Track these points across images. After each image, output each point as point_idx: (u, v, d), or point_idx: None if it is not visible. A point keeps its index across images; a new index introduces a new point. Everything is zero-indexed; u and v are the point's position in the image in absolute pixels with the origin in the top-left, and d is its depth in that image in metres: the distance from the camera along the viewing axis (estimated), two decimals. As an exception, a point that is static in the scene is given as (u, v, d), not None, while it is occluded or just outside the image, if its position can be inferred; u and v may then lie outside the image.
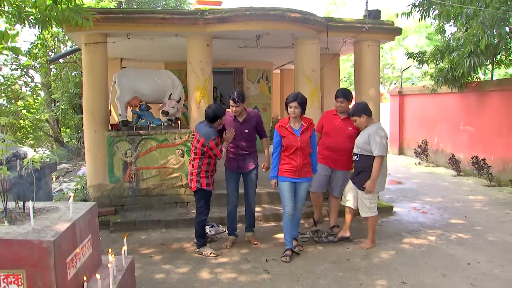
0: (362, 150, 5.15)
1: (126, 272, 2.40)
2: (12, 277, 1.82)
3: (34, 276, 1.84)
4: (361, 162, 5.17)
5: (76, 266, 2.07)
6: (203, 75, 6.55)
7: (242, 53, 9.08)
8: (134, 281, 2.67)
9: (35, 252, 1.82)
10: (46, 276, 1.84)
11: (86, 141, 6.46)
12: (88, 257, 2.24)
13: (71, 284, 2.03)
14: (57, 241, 1.88)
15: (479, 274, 4.50)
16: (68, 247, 2.00)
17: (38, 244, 1.83)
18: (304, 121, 4.92)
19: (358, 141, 5.22)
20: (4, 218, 2.07)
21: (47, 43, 10.63)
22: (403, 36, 23.11)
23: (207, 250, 5.06)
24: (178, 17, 6.25)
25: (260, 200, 6.88)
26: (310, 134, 4.91)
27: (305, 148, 4.86)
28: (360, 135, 5.25)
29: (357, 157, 5.23)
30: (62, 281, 1.92)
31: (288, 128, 4.90)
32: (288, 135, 4.87)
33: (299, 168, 4.86)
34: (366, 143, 5.09)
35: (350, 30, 6.97)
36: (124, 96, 6.77)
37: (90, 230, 2.31)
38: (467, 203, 7.57)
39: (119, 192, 6.42)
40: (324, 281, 4.35)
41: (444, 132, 11.43)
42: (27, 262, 1.83)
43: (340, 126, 5.47)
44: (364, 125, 5.21)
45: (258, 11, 6.08)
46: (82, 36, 6.23)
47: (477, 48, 8.19)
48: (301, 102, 4.84)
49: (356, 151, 5.24)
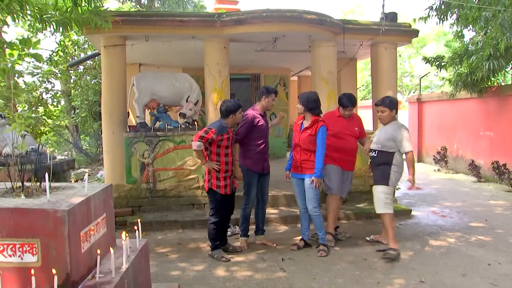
0: (382, 147, 5.06)
1: (140, 253, 2.41)
2: (27, 246, 1.86)
3: (48, 245, 1.87)
4: (380, 158, 5.08)
5: (90, 241, 2.10)
6: (220, 77, 6.61)
7: (259, 57, 9.14)
8: (148, 265, 2.67)
9: (50, 221, 1.85)
10: (60, 245, 1.86)
11: (104, 142, 6.55)
12: (102, 236, 2.27)
13: (84, 258, 2.05)
14: (72, 211, 1.91)
15: (500, 274, 4.39)
16: (82, 219, 2.03)
17: (53, 213, 1.86)
18: (311, 120, 4.98)
19: (379, 138, 5.12)
20: (21, 192, 2.11)
21: (67, 50, 10.86)
22: (422, 44, 22.93)
23: (218, 254, 4.90)
24: (195, 19, 6.34)
25: (277, 203, 6.88)
26: (312, 132, 4.94)
27: (303, 145, 4.97)
28: (381, 132, 5.15)
29: (375, 153, 5.14)
30: (76, 253, 1.95)
31: (297, 125, 5.12)
32: (295, 132, 5.16)
33: (299, 163, 5.04)
34: (389, 140, 5.01)
35: (367, 32, 6.96)
36: (142, 98, 6.86)
37: (105, 210, 2.33)
38: (487, 207, 7.41)
39: (136, 193, 6.47)
40: (341, 279, 4.30)
41: (464, 138, 11.26)
42: (42, 231, 1.87)
43: (348, 127, 5.44)
44: (388, 120, 5.11)
45: (274, 12, 6.13)
46: (101, 39, 6.35)
47: (496, 51, 8.10)
48: (303, 100, 5.03)
49: (374, 147, 5.15)
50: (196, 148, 4.73)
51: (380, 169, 5.09)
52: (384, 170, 5.04)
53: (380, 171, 5.08)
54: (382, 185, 5.06)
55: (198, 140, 4.69)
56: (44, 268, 1.89)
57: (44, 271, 1.88)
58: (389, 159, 5.02)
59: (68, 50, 10.95)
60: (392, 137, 4.99)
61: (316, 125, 4.94)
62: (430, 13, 9.27)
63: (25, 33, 10.22)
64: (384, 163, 5.04)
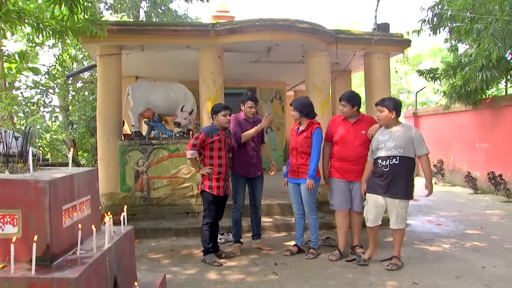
0: (404, 151, 4.49)
1: (124, 237, 2.41)
2: (8, 217, 1.87)
3: (29, 216, 1.88)
4: (402, 165, 4.50)
5: (72, 219, 2.11)
6: (215, 86, 6.67)
7: (255, 70, 9.23)
8: (133, 250, 2.66)
9: (31, 191, 1.87)
10: (41, 216, 1.88)
11: (99, 150, 6.57)
12: (86, 217, 2.28)
13: (66, 233, 2.06)
14: (53, 183, 1.94)
15: (494, 276, 4.36)
16: (64, 195, 2.04)
17: (34, 184, 1.88)
18: (307, 123, 5.03)
19: (399, 140, 4.51)
20: (5, 168, 2.13)
21: (65, 64, 10.96)
22: (418, 61, 23.15)
23: (211, 259, 4.86)
24: (190, 29, 6.44)
25: (272, 212, 6.86)
26: (308, 135, 4.97)
27: (299, 148, 4.99)
28: (398, 134, 4.56)
29: (396, 160, 4.49)
30: (57, 226, 1.96)
31: (293, 130, 5.15)
32: (291, 136, 5.16)
33: (295, 168, 5.03)
34: (409, 142, 4.50)
35: (359, 42, 7.06)
36: (138, 108, 6.91)
37: (90, 192, 2.34)
38: (483, 216, 7.39)
39: (130, 201, 6.46)
40: (333, 282, 4.26)
41: (460, 150, 11.29)
42: (23, 202, 1.89)
43: (351, 132, 4.90)
44: (387, 123, 4.62)
45: (267, 21, 6.22)
46: (97, 48, 6.43)
47: (489, 62, 8.18)
48: (297, 106, 5.06)
49: (395, 153, 4.50)
50: (190, 157, 4.84)
51: (403, 179, 4.52)
52: (409, 180, 4.54)
53: (405, 182, 4.53)
54: (406, 199, 4.59)
55: (191, 148, 4.80)
56: (24, 239, 1.90)
57: (24, 243, 1.88)
58: (412, 166, 4.55)
59: (66, 64, 11.05)
60: (411, 139, 4.51)
61: (311, 127, 4.99)
62: (423, 26, 9.38)
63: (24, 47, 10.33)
64: (407, 171, 4.54)
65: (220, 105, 5.05)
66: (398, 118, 4.72)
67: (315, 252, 5.07)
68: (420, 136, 4.59)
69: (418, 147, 4.54)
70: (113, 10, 13.45)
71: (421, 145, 4.54)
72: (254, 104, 5.22)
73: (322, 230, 6.04)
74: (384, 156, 4.57)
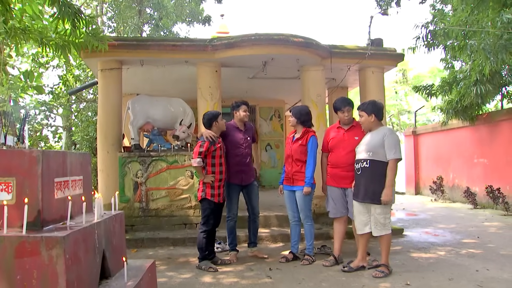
0: (374, 154, 4.41)
1: (115, 218, 2.51)
2: (4, 185, 2.01)
3: (23, 184, 2.02)
4: (373, 169, 4.41)
5: (64, 193, 2.22)
6: (212, 99, 6.84)
7: (253, 88, 9.41)
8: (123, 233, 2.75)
9: (25, 160, 2.02)
10: (33, 183, 2.01)
11: (99, 161, 6.71)
12: (78, 195, 2.39)
13: (57, 204, 2.17)
14: (46, 154, 2.09)
15: (487, 278, 4.40)
16: (57, 168, 2.18)
17: (28, 153, 2.04)
18: (302, 131, 5.14)
19: (369, 143, 4.48)
20: (3, 145, 2.26)
21: (68, 83, 11.22)
22: (418, 81, 23.41)
23: (206, 265, 4.89)
24: (188, 44, 6.65)
25: (269, 223, 6.92)
26: (303, 142, 5.07)
27: (294, 156, 5.09)
28: (371, 136, 4.54)
29: (367, 163, 4.44)
30: (48, 195, 2.08)
31: (289, 138, 5.26)
32: (287, 144, 5.29)
33: (290, 175, 5.11)
34: (380, 146, 4.41)
35: (353, 56, 7.25)
36: (137, 121, 7.05)
37: (82, 173, 2.47)
38: (481, 228, 7.42)
39: (129, 212, 6.53)
40: (326, 284, 4.30)
41: (459, 167, 11.34)
42: (18, 171, 2.04)
43: (345, 138, 4.92)
44: (368, 126, 4.60)
45: (263, 36, 6.44)
46: (99, 63, 6.65)
47: (482, 77, 8.33)
48: (295, 112, 5.18)
49: (364, 157, 4.47)
50: (197, 165, 4.87)
51: (375, 184, 4.41)
52: (381, 185, 4.39)
53: (377, 187, 4.41)
54: (379, 205, 4.43)
55: (198, 156, 4.86)
56: (18, 206, 2.03)
57: (18, 209, 2.01)
58: (384, 169, 4.41)
59: (69, 83, 11.31)
60: (383, 142, 4.42)
61: (307, 135, 5.10)
62: (418, 43, 9.59)
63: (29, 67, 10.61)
64: (380, 175, 4.40)
65: (213, 112, 5.21)
66: (381, 121, 4.69)
67: (310, 258, 5.11)
68: (393, 140, 4.44)
69: (387, 150, 4.40)
70: (117, 33, 13.81)
71: (391, 149, 4.39)
72: (247, 108, 5.38)
73: (319, 241, 6.07)
74: (357, 159, 4.59)
